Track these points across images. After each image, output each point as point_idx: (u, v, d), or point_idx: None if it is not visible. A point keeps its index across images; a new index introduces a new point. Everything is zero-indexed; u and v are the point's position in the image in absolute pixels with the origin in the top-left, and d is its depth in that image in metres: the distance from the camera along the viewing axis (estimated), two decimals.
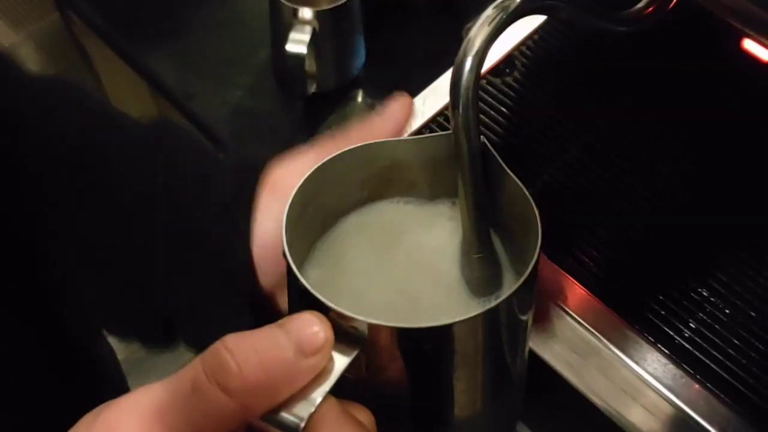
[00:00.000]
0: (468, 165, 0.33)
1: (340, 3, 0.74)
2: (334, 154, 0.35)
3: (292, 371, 0.27)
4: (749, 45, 0.56)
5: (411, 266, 0.36)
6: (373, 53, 0.82)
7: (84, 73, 1.03)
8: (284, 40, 0.72)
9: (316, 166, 0.34)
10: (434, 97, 0.65)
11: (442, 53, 0.84)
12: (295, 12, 0.73)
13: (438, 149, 0.35)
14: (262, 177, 0.40)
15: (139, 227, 0.40)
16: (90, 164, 0.41)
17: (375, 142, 0.35)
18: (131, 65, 0.86)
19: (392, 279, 0.35)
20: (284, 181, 0.39)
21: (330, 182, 0.35)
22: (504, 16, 0.33)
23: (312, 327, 0.27)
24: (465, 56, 0.32)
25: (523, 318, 0.33)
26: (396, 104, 0.41)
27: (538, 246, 0.31)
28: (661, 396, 0.49)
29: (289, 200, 0.33)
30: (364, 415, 0.29)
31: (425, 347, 0.29)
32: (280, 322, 0.28)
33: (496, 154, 0.34)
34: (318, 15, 0.73)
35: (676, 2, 0.40)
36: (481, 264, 0.35)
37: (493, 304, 0.29)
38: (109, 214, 0.40)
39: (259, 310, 0.39)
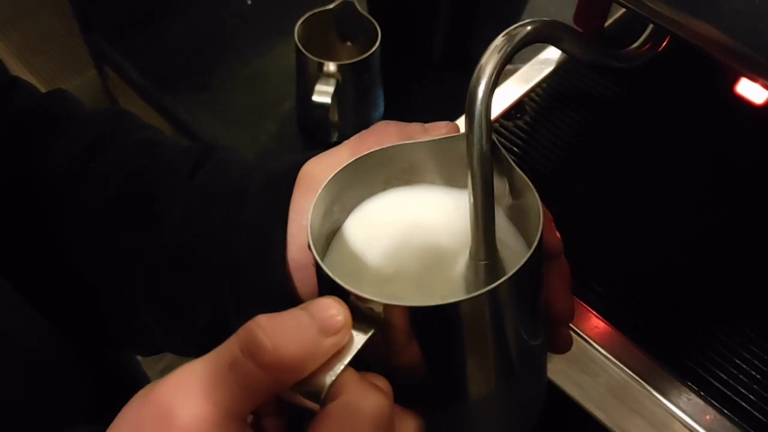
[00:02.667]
0: (479, 183, 0.36)
1: (361, 57, 0.78)
2: (356, 157, 0.38)
3: (316, 348, 0.30)
4: (742, 89, 0.60)
5: (425, 260, 0.39)
6: (391, 103, 0.86)
7: None
8: (310, 91, 0.77)
9: (340, 168, 0.37)
10: None
11: (455, 104, 0.89)
12: (320, 65, 0.77)
13: (453, 150, 0.39)
14: (294, 176, 0.42)
15: (177, 246, 0.42)
16: (136, 191, 0.44)
17: (395, 145, 0.38)
18: (164, 116, 0.91)
19: (408, 272, 0.38)
20: (318, 176, 0.41)
21: (354, 182, 0.39)
22: (512, 45, 0.37)
23: (331, 310, 0.31)
24: (478, 80, 0.36)
25: (530, 300, 0.35)
26: (442, 123, 0.42)
27: (540, 226, 0.34)
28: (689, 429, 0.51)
29: (315, 198, 0.36)
30: (381, 382, 0.32)
31: (435, 325, 0.32)
32: (303, 305, 0.32)
33: (505, 153, 0.37)
34: (341, 68, 0.78)
35: (668, 42, 0.44)
36: (486, 270, 0.37)
37: (497, 282, 0.31)
38: (151, 235, 0.43)
39: None
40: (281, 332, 0.30)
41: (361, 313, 0.32)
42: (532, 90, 0.67)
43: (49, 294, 0.46)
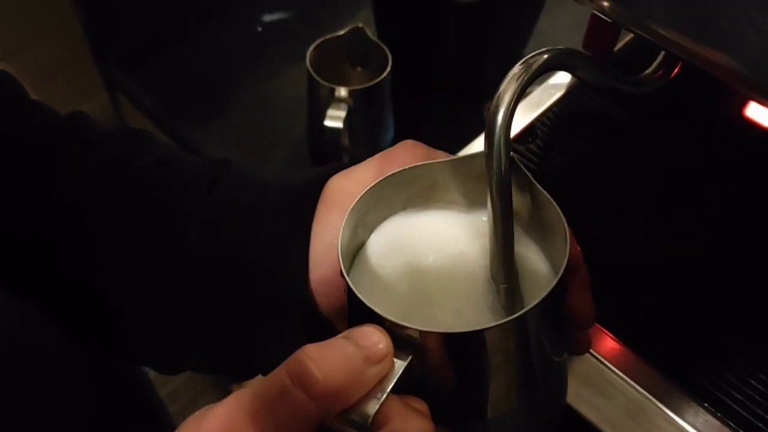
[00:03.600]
0: (499, 207, 0.37)
1: (373, 83, 0.80)
2: (385, 176, 0.38)
3: (362, 377, 0.31)
4: (751, 112, 0.61)
5: (448, 279, 0.39)
6: (402, 127, 0.87)
7: None
8: (322, 116, 0.78)
9: (370, 187, 0.38)
10: None
11: (464, 127, 0.90)
12: (332, 91, 0.78)
13: (473, 168, 0.39)
14: (319, 190, 0.42)
15: (197, 262, 0.42)
16: (155, 208, 0.44)
17: (420, 165, 0.39)
18: (176, 142, 0.92)
19: (431, 292, 0.38)
20: (343, 192, 0.41)
21: (379, 201, 0.39)
22: (529, 73, 0.38)
23: (374, 338, 0.32)
24: (497, 107, 0.37)
25: (557, 320, 0.36)
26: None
27: (567, 249, 0.34)
28: None
29: (342, 224, 0.36)
30: (420, 405, 0.33)
31: (468, 349, 0.33)
32: (346, 334, 0.32)
33: (525, 170, 0.38)
34: (353, 93, 0.79)
35: (680, 68, 0.45)
36: (505, 291, 0.38)
37: (527, 308, 0.32)
38: (171, 252, 0.43)
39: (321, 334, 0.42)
40: (329, 362, 0.30)
41: (397, 338, 0.32)
42: (544, 114, 0.68)
43: (68, 309, 0.46)
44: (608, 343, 0.56)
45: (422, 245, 0.40)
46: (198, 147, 0.89)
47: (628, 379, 0.54)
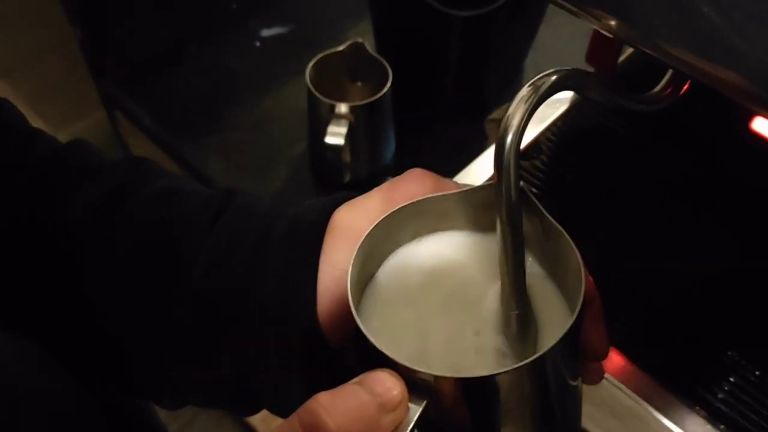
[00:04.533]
0: (509, 234, 0.36)
1: (373, 98, 0.79)
2: (394, 209, 0.37)
3: (377, 426, 0.30)
4: (758, 126, 0.60)
5: (459, 311, 0.38)
6: (403, 144, 0.87)
7: None
8: (322, 132, 0.77)
9: (378, 221, 0.37)
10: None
11: (466, 142, 0.90)
12: (332, 107, 0.78)
13: (482, 198, 0.39)
14: (324, 224, 0.41)
15: (201, 297, 0.41)
16: (158, 241, 0.43)
17: (429, 197, 0.38)
18: (175, 160, 0.91)
19: (439, 325, 0.38)
20: (350, 224, 0.40)
21: (387, 234, 0.38)
22: (538, 95, 0.37)
23: (387, 384, 0.31)
24: (506, 131, 0.36)
25: (573, 356, 0.35)
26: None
27: (583, 286, 0.34)
28: None
29: (351, 261, 0.36)
30: None
31: (484, 392, 0.32)
32: (359, 380, 0.31)
33: (535, 200, 0.37)
34: (353, 109, 0.78)
35: (689, 86, 0.44)
36: (517, 320, 0.37)
37: (537, 354, 0.31)
38: (174, 286, 0.42)
39: (331, 369, 0.41)
40: (342, 411, 0.29)
41: (411, 382, 0.32)
42: (548, 129, 0.67)
43: (72, 347, 0.45)
44: (616, 360, 0.56)
45: (433, 276, 0.39)
46: (198, 166, 0.89)
47: (638, 398, 0.53)
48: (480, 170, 0.70)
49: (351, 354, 0.41)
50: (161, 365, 0.44)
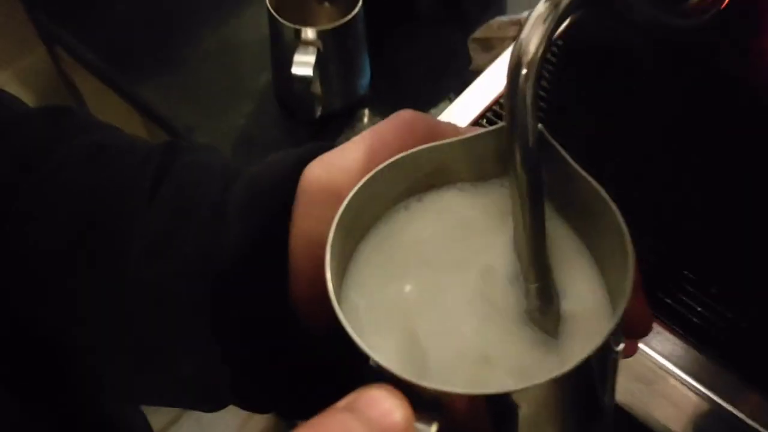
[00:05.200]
0: (526, 190, 0.30)
1: (343, 21, 0.71)
2: (383, 165, 0.31)
3: None
4: None
5: (461, 287, 0.31)
6: (378, 70, 0.79)
7: None
8: (288, 62, 0.69)
9: (352, 192, 0.30)
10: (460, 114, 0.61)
11: (447, 65, 0.83)
12: (297, 33, 0.70)
13: (489, 146, 0.32)
14: (294, 186, 0.34)
15: (144, 285, 0.34)
16: (85, 223, 0.35)
17: (419, 150, 0.31)
18: (126, 100, 0.83)
19: (441, 308, 0.31)
20: (325, 185, 0.33)
21: (370, 202, 0.32)
22: (559, 12, 0.29)
23: (385, 405, 0.24)
24: (519, 60, 0.29)
25: (609, 362, 0.29)
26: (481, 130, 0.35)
27: (629, 279, 0.27)
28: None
29: (330, 236, 0.29)
30: None
31: (504, 409, 0.26)
32: (348, 402, 0.24)
33: (560, 148, 0.30)
34: (321, 34, 0.70)
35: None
36: (537, 293, 0.31)
37: (568, 368, 0.25)
38: (110, 276, 0.35)
39: (313, 357, 0.34)
40: None
41: (415, 398, 0.25)
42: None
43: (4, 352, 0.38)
44: None
45: (431, 245, 0.32)
46: (152, 105, 0.80)
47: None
48: (469, 98, 0.62)
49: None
50: (110, 369, 0.36)
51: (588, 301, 0.31)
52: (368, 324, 0.30)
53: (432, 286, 0.31)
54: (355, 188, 0.30)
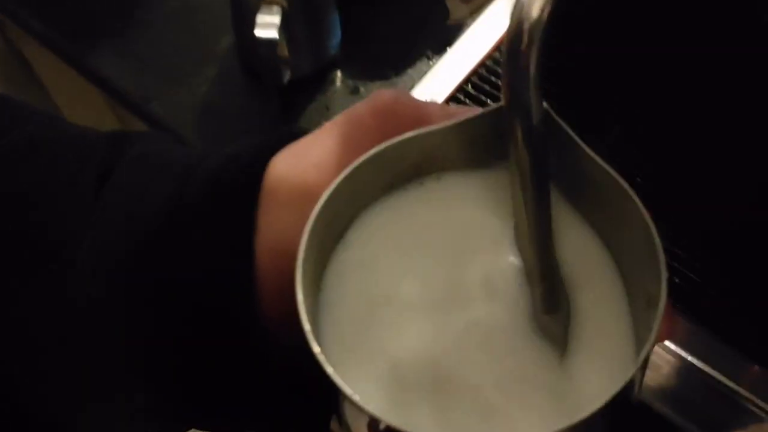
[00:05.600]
0: (530, 177, 0.26)
1: None
2: (350, 169, 0.26)
3: None
4: None
5: (455, 296, 0.28)
6: (349, 30, 0.74)
7: (27, 85, 0.93)
8: (251, 24, 0.64)
9: (327, 192, 0.26)
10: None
11: (424, 22, 0.78)
12: None
13: (487, 129, 0.28)
14: (257, 186, 0.30)
15: (88, 302, 0.30)
16: (18, 233, 0.31)
17: (403, 139, 0.27)
18: (79, 71, 0.77)
19: (432, 325, 0.27)
20: (294, 182, 0.29)
21: (348, 201, 0.28)
22: None
23: None
24: (520, 26, 0.25)
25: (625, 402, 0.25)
26: (467, 109, 0.31)
27: (662, 302, 0.23)
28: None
29: (302, 247, 0.25)
30: None
31: None
32: None
33: (570, 131, 0.26)
34: None
35: None
36: (543, 296, 0.27)
37: (585, 415, 0.21)
38: (50, 292, 0.30)
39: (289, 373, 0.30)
40: None
41: None
42: None
43: None
44: None
45: (419, 245, 0.28)
46: (107, 76, 0.75)
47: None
48: (451, 59, 0.57)
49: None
50: (51, 406, 0.32)
51: (604, 304, 0.27)
52: (347, 350, 0.26)
53: (421, 298, 0.27)
54: (331, 188, 0.26)
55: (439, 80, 0.56)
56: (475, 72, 0.55)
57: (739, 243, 0.48)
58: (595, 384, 0.26)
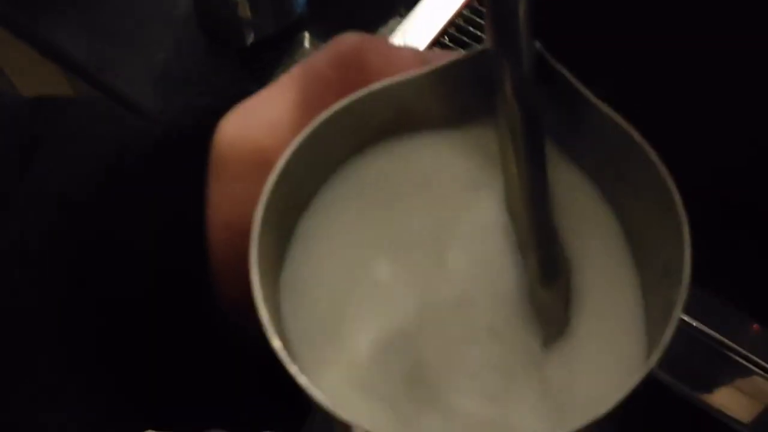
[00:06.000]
0: (521, 129, 0.23)
1: None
2: (311, 128, 0.23)
3: None
4: None
5: (437, 271, 0.24)
6: None
7: None
8: None
9: (287, 154, 0.22)
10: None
11: None
12: None
13: (464, 78, 0.24)
14: (204, 153, 0.27)
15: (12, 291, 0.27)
16: None
17: (376, 88, 0.24)
18: (31, 42, 0.74)
19: (409, 306, 0.24)
20: (248, 145, 0.26)
21: (310, 167, 0.24)
22: None
23: None
24: None
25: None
26: (446, 53, 0.27)
27: (686, 275, 0.20)
28: None
29: (257, 221, 0.21)
30: None
31: None
32: None
33: (570, 76, 0.23)
34: None
35: None
36: (538, 265, 0.23)
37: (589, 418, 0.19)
38: None
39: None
40: None
41: None
42: None
43: None
44: None
45: (395, 219, 0.25)
46: (56, 44, 0.71)
47: None
48: (424, 12, 0.53)
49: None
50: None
51: (609, 276, 0.24)
52: (315, 340, 0.22)
53: (399, 276, 0.24)
54: (288, 152, 0.22)
55: (413, 34, 0.52)
56: (452, 23, 0.51)
57: (734, 203, 0.46)
58: (598, 371, 0.22)
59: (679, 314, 0.19)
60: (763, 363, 0.45)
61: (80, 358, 0.26)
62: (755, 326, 0.46)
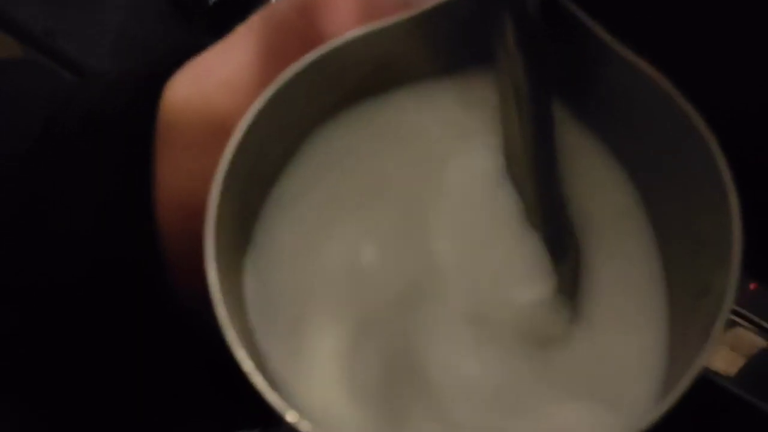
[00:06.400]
0: (525, 85, 0.20)
1: None
2: (280, 81, 0.20)
3: None
4: None
5: (419, 261, 0.21)
6: None
7: None
8: None
9: (248, 117, 0.19)
10: None
11: None
12: None
13: (455, 22, 0.21)
14: (152, 119, 0.24)
15: None
16: None
17: (352, 37, 0.21)
18: None
19: (394, 286, 0.21)
20: (202, 108, 0.23)
21: (275, 131, 0.21)
22: None
23: None
24: None
25: None
26: None
27: (735, 261, 0.17)
28: None
29: (213, 198, 0.18)
30: None
31: None
32: None
33: (587, 19, 0.20)
34: None
35: None
36: (548, 240, 0.21)
37: None
38: None
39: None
40: None
41: None
42: None
43: None
44: None
45: (375, 188, 0.22)
46: (5, 8, 0.67)
47: None
48: None
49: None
50: None
51: (627, 257, 0.21)
52: (285, 340, 0.20)
53: (383, 261, 0.21)
54: (249, 115, 0.19)
55: None
56: None
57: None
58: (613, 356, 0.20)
59: (727, 305, 0.16)
60: (749, 314, 0.44)
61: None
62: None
